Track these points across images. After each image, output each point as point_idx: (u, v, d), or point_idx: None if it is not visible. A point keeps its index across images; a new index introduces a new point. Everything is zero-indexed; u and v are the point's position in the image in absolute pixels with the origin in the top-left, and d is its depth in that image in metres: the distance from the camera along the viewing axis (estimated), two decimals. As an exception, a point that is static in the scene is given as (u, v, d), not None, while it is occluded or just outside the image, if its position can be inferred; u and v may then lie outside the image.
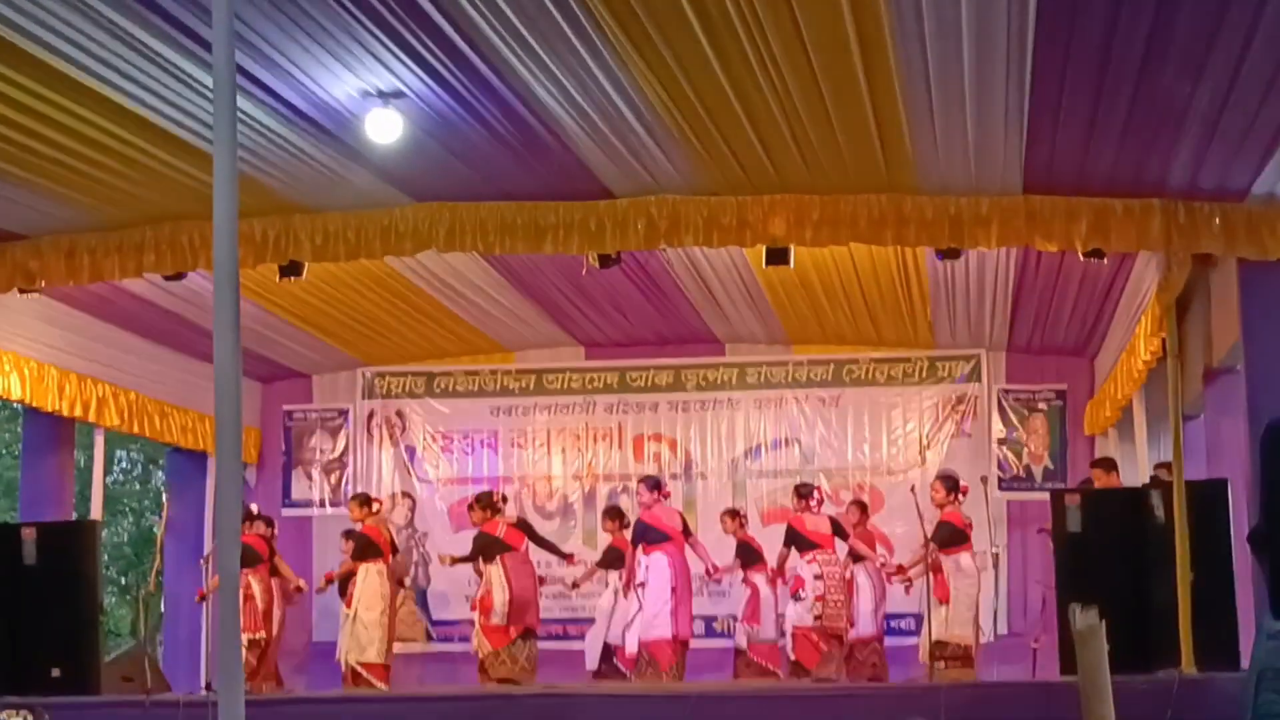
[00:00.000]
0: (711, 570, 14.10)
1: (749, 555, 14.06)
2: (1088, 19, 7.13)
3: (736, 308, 14.53)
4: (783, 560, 13.76)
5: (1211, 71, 7.71)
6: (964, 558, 12.94)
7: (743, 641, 13.89)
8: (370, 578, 13.76)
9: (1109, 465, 12.86)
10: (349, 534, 14.20)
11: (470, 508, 14.00)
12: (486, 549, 13.48)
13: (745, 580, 14.06)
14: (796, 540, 13.48)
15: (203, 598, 14.43)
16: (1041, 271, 12.54)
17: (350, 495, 15.23)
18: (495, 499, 13.89)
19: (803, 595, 13.23)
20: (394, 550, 14.31)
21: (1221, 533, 10.10)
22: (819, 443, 16.05)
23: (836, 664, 13.06)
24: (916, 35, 7.41)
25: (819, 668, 12.91)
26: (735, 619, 14.29)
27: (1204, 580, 9.85)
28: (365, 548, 13.87)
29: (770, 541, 14.09)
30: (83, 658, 11.42)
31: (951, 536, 12.90)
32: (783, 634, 13.68)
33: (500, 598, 13.16)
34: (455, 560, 14.05)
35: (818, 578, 13.30)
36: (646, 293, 14.04)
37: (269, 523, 14.65)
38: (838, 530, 13.60)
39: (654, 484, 13.63)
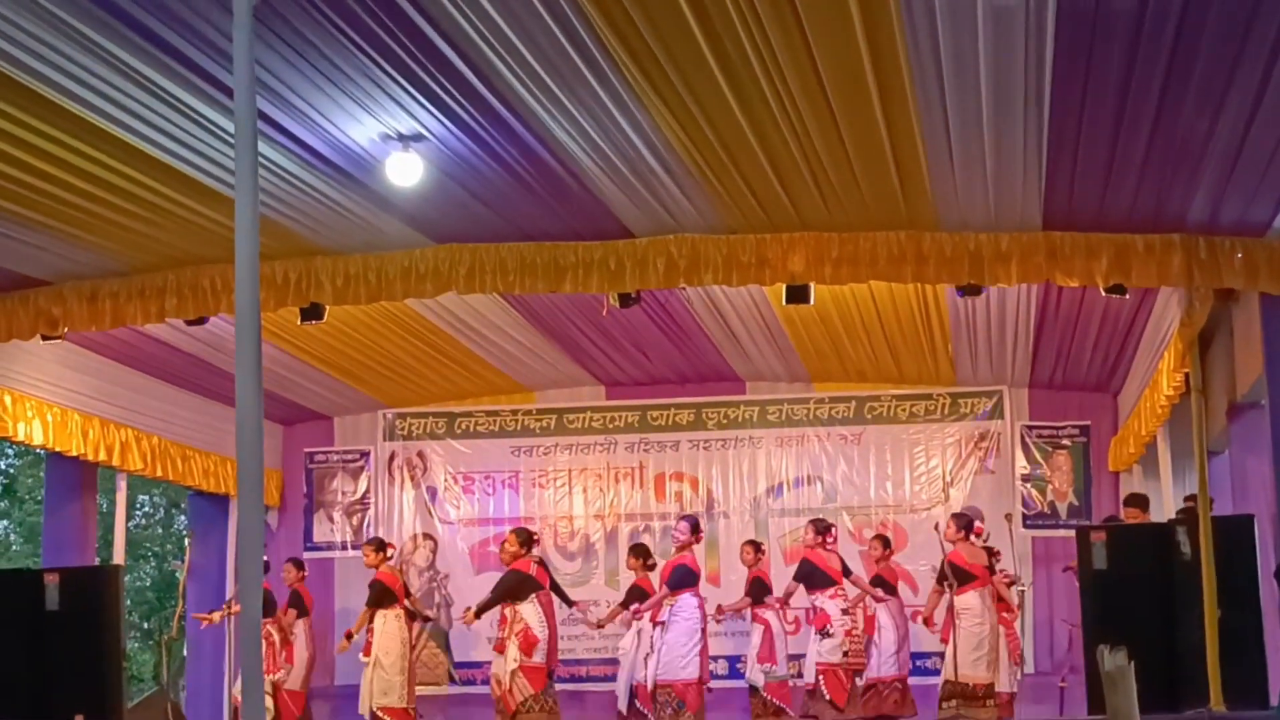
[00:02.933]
0: (718, 611, 14.01)
1: (760, 591, 13.95)
2: (1105, 55, 7.13)
3: (757, 345, 14.52)
4: (789, 593, 13.72)
5: (1230, 107, 7.70)
6: (969, 597, 12.80)
7: (758, 680, 13.70)
8: (388, 623, 13.71)
9: (1143, 504, 12.75)
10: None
11: (505, 543, 13.61)
12: (520, 586, 13.19)
13: (756, 618, 13.92)
14: (811, 575, 13.42)
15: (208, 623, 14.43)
16: (1063, 307, 12.51)
17: (367, 539, 15.15)
18: (533, 536, 13.69)
19: (831, 631, 13.15)
20: (407, 593, 14.24)
21: (1248, 569, 10.05)
22: (841, 480, 16.01)
23: (857, 702, 13.03)
24: (934, 72, 7.41)
25: (849, 706, 12.88)
26: (744, 658, 14.16)
27: (1231, 617, 9.79)
28: (381, 595, 13.80)
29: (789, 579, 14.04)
30: (106, 703, 11.42)
31: (956, 575, 12.82)
32: (800, 674, 13.66)
33: (543, 635, 12.90)
34: (480, 612, 13.55)
35: (845, 612, 13.26)
36: (667, 331, 14.04)
37: (298, 565, 14.75)
38: (844, 571, 13.54)
39: (695, 525, 13.57)
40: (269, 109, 7.95)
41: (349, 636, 14.17)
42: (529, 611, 12.86)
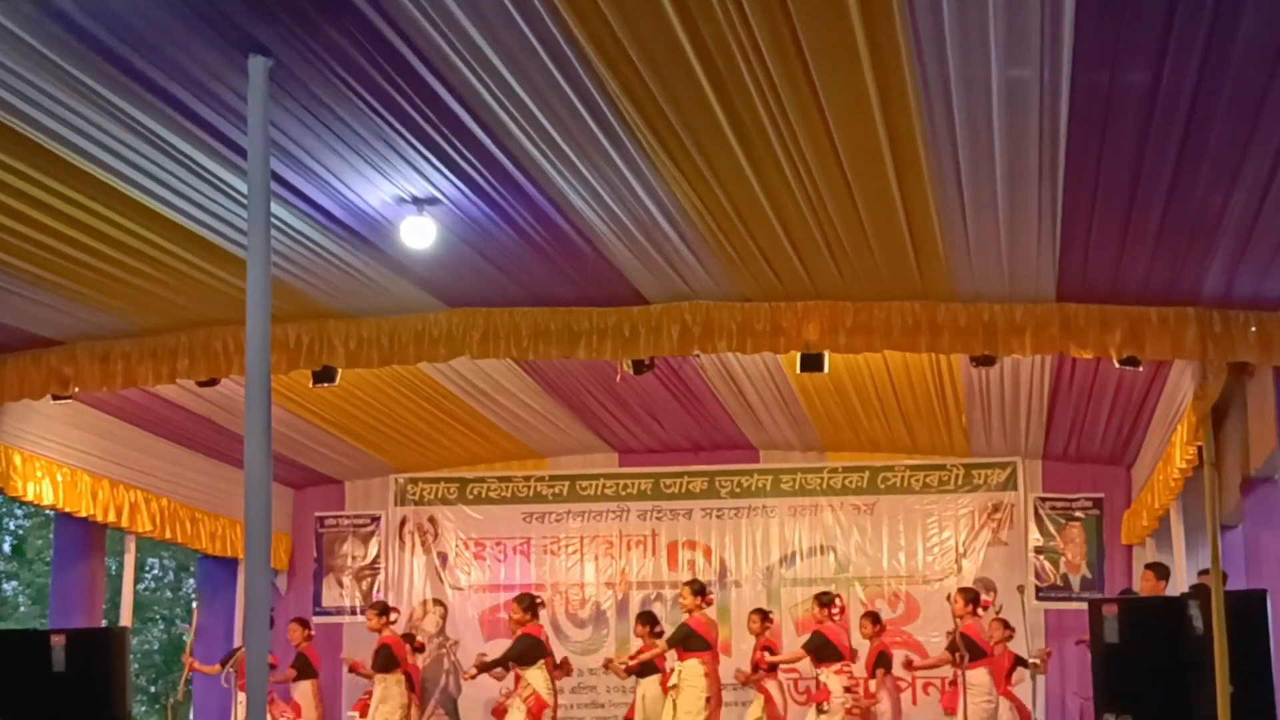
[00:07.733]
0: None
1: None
2: (1120, 128, 7.13)
3: (771, 414, 14.49)
4: (795, 659, 13.69)
5: (1244, 181, 7.68)
6: (979, 673, 12.80)
7: None
8: (389, 688, 13.70)
9: (1161, 572, 12.70)
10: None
11: (511, 612, 13.62)
12: (531, 650, 13.18)
13: (759, 687, 13.86)
14: (822, 648, 13.36)
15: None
16: (1077, 379, 12.49)
17: (371, 603, 15.16)
18: (535, 601, 13.65)
19: (827, 708, 13.08)
20: (417, 651, 14.23)
21: (1261, 644, 9.95)
22: (854, 550, 15.97)
23: None
24: (949, 143, 7.41)
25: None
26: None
27: (1244, 692, 9.70)
28: (386, 660, 13.80)
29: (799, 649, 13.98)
30: (110, 765, 11.34)
31: (968, 648, 12.80)
32: None
33: (551, 702, 12.89)
34: (485, 669, 13.69)
35: (847, 690, 13.18)
36: (680, 399, 14.02)
37: (304, 624, 14.71)
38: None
39: (699, 589, 13.51)
40: (282, 171, 7.95)
41: (354, 669, 14.19)
42: (538, 678, 12.88)
